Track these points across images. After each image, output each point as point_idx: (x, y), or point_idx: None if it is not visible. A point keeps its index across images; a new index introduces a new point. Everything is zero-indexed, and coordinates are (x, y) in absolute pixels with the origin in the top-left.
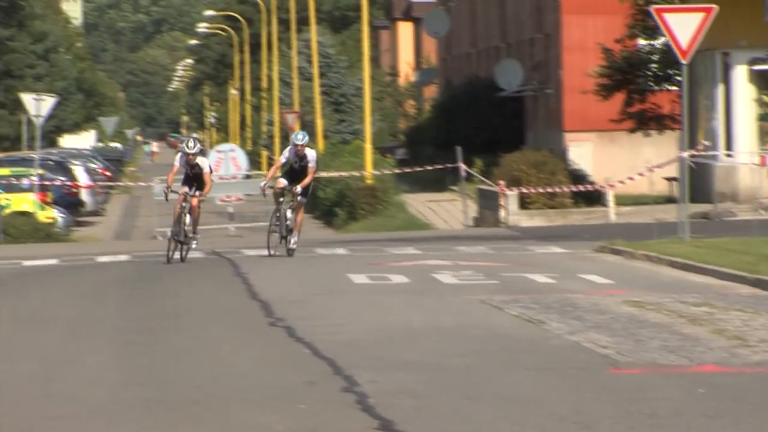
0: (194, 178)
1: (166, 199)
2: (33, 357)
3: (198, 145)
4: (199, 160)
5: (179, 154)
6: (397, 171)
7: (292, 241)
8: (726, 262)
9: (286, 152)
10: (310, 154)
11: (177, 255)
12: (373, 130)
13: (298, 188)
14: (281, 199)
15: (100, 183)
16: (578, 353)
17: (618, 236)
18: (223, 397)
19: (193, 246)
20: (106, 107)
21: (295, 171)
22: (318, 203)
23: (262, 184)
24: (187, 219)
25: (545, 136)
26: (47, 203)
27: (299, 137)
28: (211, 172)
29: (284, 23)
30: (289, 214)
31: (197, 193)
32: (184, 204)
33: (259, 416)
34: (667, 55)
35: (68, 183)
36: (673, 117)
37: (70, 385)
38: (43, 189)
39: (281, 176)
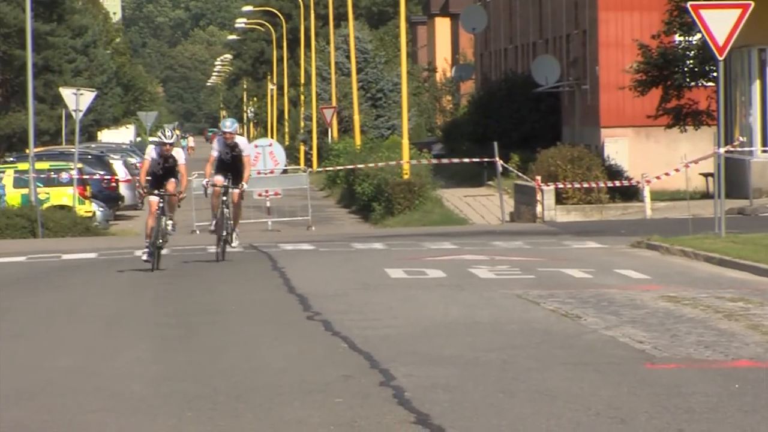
0: (167, 171)
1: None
2: (73, 351)
3: (175, 135)
4: (175, 151)
5: (215, 143)
6: (435, 163)
7: (235, 243)
8: (762, 258)
9: (216, 144)
10: (242, 142)
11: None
12: (410, 125)
13: (244, 185)
14: (224, 198)
15: (138, 177)
16: (614, 348)
17: (654, 232)
18: (260, 392)
19: (171, 232)
20: (144, 102)
21: (226, 163)
22: (355, 198)
23: (204, 182)
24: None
25: (581, 132)
26: (86, 197)
27: (227, 124)
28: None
29: (322, 18)
30: (226, 212)
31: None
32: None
33: (296, 410)
34: (704, 52)
35: (107, 177)
36: (710, 113)
37: (108, 379)
38: (82, 183)
39: (214, 172)
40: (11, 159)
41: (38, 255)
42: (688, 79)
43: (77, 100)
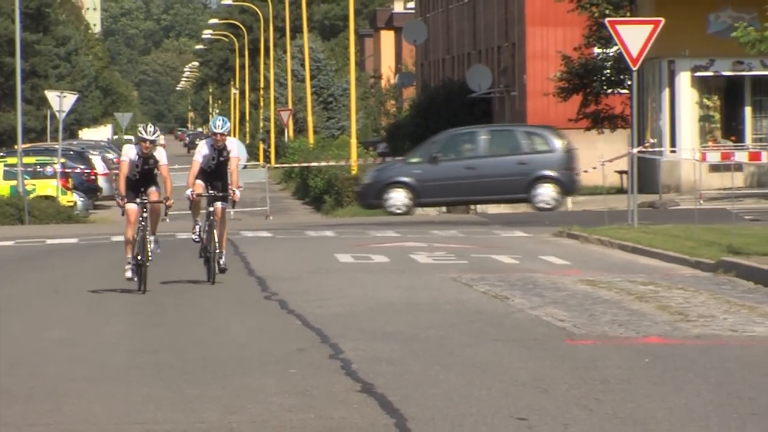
0: (146, 174)
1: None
2: (57, 326)
3: (158, 132)
4: (157, 151)
5: (202, 146)
6: (380, 160)
7: (222, 261)
8: (670, 247)
9: (203, 147)
10: (231, 143)
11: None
12: (358, 126)
13: (237, 193)
14: (211, 209)
15: (115, 171)
16: (538, 326)
17: (574, 222)
18: (224, 363)
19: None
20: (120, 104)
21: (212, 170)
22: (309, 191)
23: (189, 192)
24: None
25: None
26: (68, 188)
27: (218, 124)
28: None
29: (280, 30)
30: (216, 232)
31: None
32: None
33: (256, 380)
34: (619, 63)
35: (87, 171)
36: (624, 117)
37: (89, 351)
38: (64, 176)
39: (197, 179)
40: (1, 154)
41: (25, 240)
42: (605, 87)
43: (61, 102)
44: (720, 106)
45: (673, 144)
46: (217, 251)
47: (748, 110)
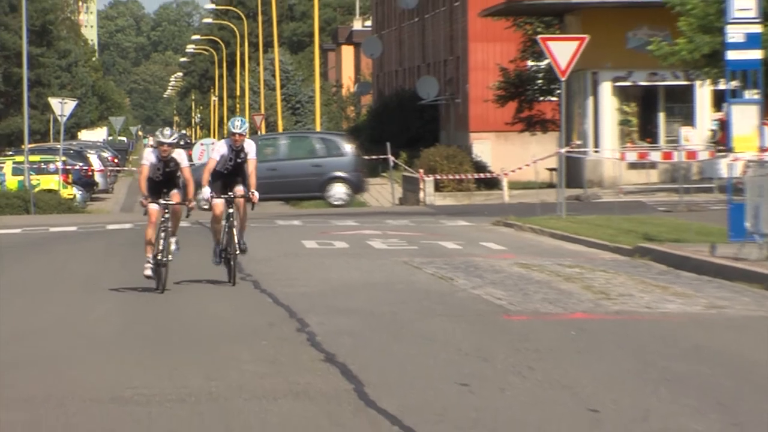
0: (168, 177)
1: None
2: (57, 304)
3: (176, 134)
4: (176, 153)
5: (219, 146)
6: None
7: (243, 242)
8: (593, 234)
9: (222, 147)
10: (249, 145)
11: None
12: (322, 129)
13: (256, 194)
14: (230, 210)
15: (109, 168)
16: (479, 304)
17: (510, 213)
18: (204, 335)
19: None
20: (114, 109)
21: (229, 170)
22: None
23: (208, 194)
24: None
25: (455, 136)
26: (68, 183)
27: (236, 124)
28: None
29: (254, 45)
30: (235, 231)
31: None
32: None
33: (231, 349)
34: (550, 74)
35: (85, 167)
36: (554, 121)
37: (85, 325)
38: (65, 172)
39: (212, 181)
40: (10, 153)
41: (31, 228)
42: (537, 95)
43: (62, 107)
44: (637, 112)
45: (596, 145)
46: (237, 252)
47: (661, 115)
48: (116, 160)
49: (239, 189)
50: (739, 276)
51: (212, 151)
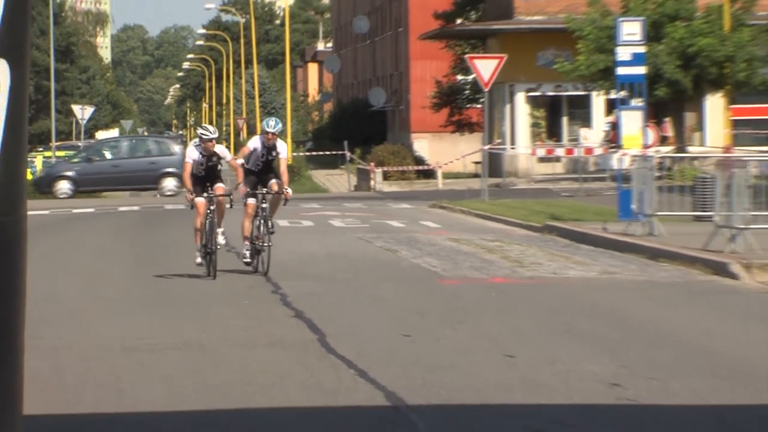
0: (211, 171)
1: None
2: (77, 270)
3: (215, 131)
4: (217, 148)
5: (252, 141)
6: (308, 154)
7: (270, 224)
8: (510, 214)
9: (255, 142)
10: (281, 145)
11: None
12: (292, 130)
13: (289, 190)
14: (263, 205)
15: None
16: (419, 271)
17: (444, 198)
18: (196, 297)
19: (220, 239)
20: (124, 114)
21: (262, 166)
22: None
23: (243, 192)
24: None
25: (399, 136)
26: None
27: (270, 123)
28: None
29: (237, 63)
30: (262, 228)
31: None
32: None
33: (219, 308)
34: (475, 86)
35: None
36: (479, 124)
37: (99, 288)
38: None
39: (246, 182)
40: (40, 149)
41: (56, 209)
42: (465, 103)
43: (82, 112)
44: (545, 117)
45: (513, 143)
46: (270, 244)
47: (565, 119)
48: None
49: (274, 183)
50: (627, 248)
51: (249, 144)
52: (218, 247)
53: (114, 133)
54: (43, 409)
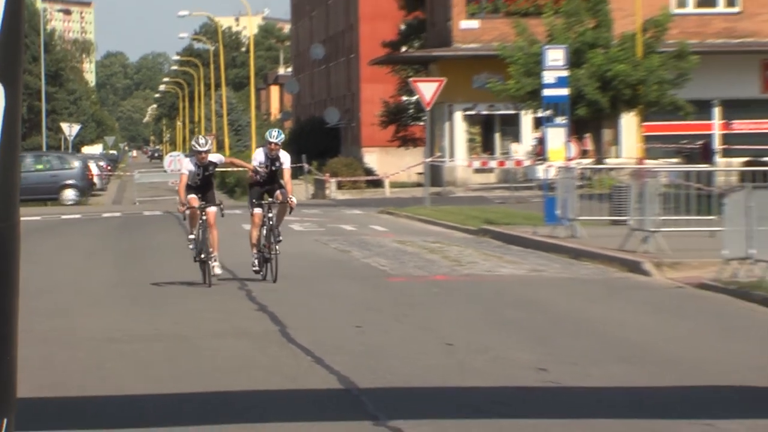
0: (207, 181)
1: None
2: (66, 269)
3: (209, 141)
4: (212, 156)
5: (256, 154)
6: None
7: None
8: (449, 219)
9: (260, 154)
10: (284, 155)
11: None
12: (257, 146)
13: (293, 199)
14: (270, 215)
15: (104, 173)
16: (369, 269)
17: (391, 205)
18: (172, 293)
19: (216, 270)
20: (107, 131)
21: (264, 178)
22: (226, 184)
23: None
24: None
25: (351, 150)
26: None
27: (273, 134)
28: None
29: (207, 86)
30: (273, 230)
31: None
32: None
33: (191, 302)
34: (418, 105)
35: (86, 173)
36: (422, 139)
37: (87, 285)
38: None
39: (251, 194)
40: None
41: (48, 215)
42: (410, 121)
43: (70, 129)
44: (480, 133)
45: (451, 156)
46: (277, 253)
47: (497, 135)
48: (109, 168)
49: (279, 193)
50: (552, 249)
51: (253, 159)
52: (218, 273)
53: (98, 147)
54: (34, 392)
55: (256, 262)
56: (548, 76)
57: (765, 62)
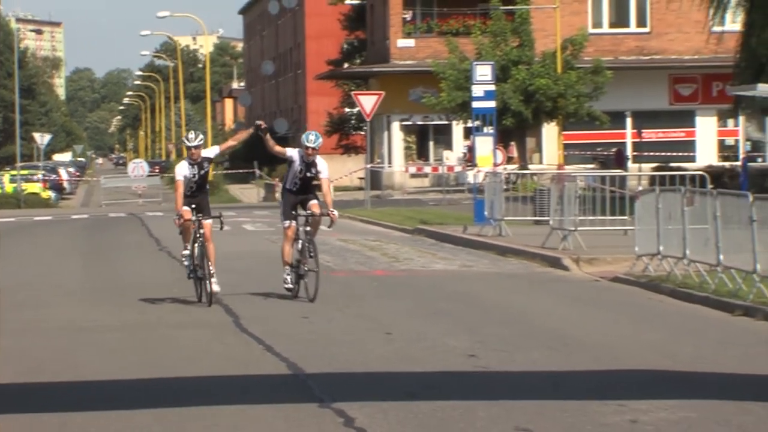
0: (203, 181)
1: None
2: (39, 266)
3: (200, 136)
4: (205, 152)
5: (292, 154)
6: (225, 171)
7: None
8: (388, 219)
9: (294, 152)
10: (322, 163)
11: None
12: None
13: (335, 212)
14: (307, 228)
15: (73, 178)
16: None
17: (334, 206)
18: (136, 287)
19: (215, 288)
20: (76, 140)
21: (302, 182)
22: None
23: (283, 219)
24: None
25: None
26: (46, 188)
27: (311, 138)
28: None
29: (167, 98)
30: (308, 253)
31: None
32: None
33: (153, 295)
34: (360, 116)
35: (57, 178)
36: (363, 147)
37: (58, 280)
38: (44, 181)
39: (284, 203)
40: (7, 168)
41: (21, 217)
42: (352, 130)
43: (42, 139)
44: (415, 141)
45: (390, 162)
46: (316, 270)
47: (431, 143)
48: (77, 174)
49: (315, 204)
50: (481, 246)
51: (288, 151)
52: (218, 291)
53: (67, 155)
54: (10, 378)
55: (289, 279)
56: (477, 90)
57: (672, 77)
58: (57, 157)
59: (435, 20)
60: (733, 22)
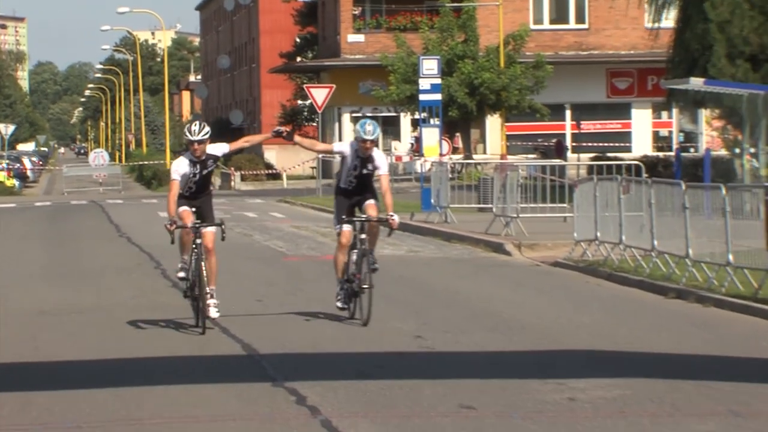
0: (205, 181)
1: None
2: (1, 250)
3: (206, 129)
4: (210, 149)
5: (342, 147)
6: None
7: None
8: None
9: (344, 146)
10: (380, 157)
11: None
12: (171, 142)
13: (395, 217)
14: (362, 237)
15: (36, 167)
16: (269, 251)
17: (288, 195)
18: (96, 273)
19: (212, 313)
20: (39, 131)
21: (356, 182)
22: (144, 177)
23: (336, 224)
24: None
25: (254, 147)
26: (11, 176)
27: (368, 129)
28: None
29: (127, 91)
30: (364, 267)
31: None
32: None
33: (112, 281)
34: (312, 108)
35: (20, 167)
36: (316, 137)
37: (21, 265)
38: (8, 169)
39: (341, 203)
40: None
41: None
42: (304, 122)
43: (6, 129)
44: None
45: None
46: (372, 286)
47: (380, 135)
48: (40, 163)
49: (372, 205)
50: (427, 232)
51: (336, 146)
52: (215, 317)
53: (31, 145)
54: None
55: (342, 295)
56: (424, 83)
57: (610, 71)
58: (21, 146)
59: (384, 17)
60: (667, 19)
